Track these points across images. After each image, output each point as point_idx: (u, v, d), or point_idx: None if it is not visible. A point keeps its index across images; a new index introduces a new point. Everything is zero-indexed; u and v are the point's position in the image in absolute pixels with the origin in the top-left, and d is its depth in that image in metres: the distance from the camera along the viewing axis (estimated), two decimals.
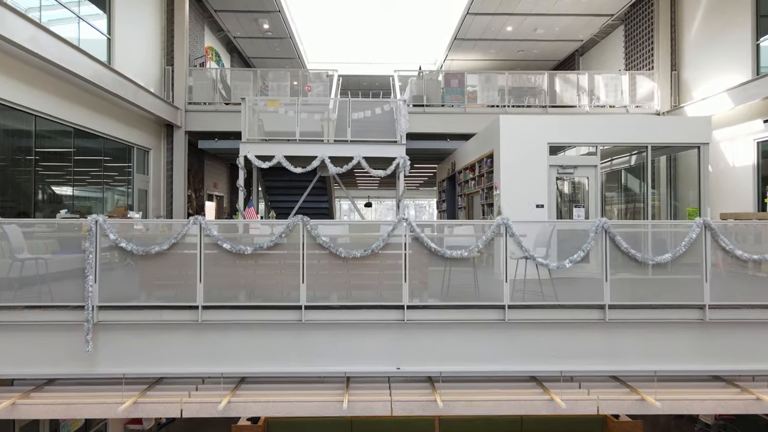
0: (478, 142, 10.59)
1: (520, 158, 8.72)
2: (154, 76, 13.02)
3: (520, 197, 8.68)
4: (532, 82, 13.96)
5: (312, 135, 11.12)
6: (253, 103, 10.66)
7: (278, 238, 5.50)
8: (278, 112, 10.53)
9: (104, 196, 10.95)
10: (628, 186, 10.72)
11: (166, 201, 13.51)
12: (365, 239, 5.75)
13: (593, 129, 8.81)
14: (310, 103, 11.93)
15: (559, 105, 13.97)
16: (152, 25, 12.93)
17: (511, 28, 17.30)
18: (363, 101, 10.97)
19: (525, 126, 8.78)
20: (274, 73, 13.90)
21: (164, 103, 12.72)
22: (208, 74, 13.78)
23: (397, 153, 10.23)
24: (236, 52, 20.02)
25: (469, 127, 13.76)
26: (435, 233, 6.19)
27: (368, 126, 10.61)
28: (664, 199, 10.21)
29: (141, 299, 5.58)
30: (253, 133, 10.74)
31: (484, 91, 13.89)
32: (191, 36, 14.85)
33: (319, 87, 13.72)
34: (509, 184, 8.71)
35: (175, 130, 13.55)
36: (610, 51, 17.69)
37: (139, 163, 12.55)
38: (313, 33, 19.97)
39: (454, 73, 13.87)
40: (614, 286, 5.57)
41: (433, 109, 13.83)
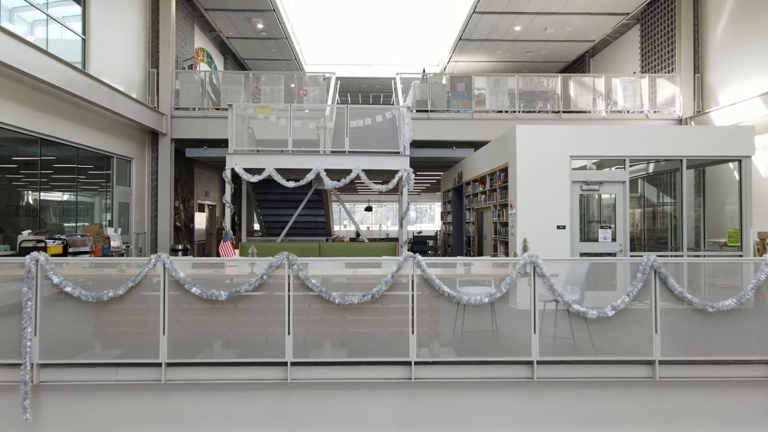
0: (489, 153, 9.62)
1: (538, 173, 7.76)
2: (137, 79, 12.06)
3: (539, 217, 7.72)
4: (545, 86, 13.00)
5: (307, 144, 10.18)
6: (242, 109, 9.71)
7: (259, 279, 4.53)
8: (269, 119, 9.57)
9: (78, 211, 9.98)
10: (650, 201, 9.76)
11: (150, 214, 12.54)
12: (364, 280, 4.78)
13: (621, 140, 7.84)
14: (304, 109, 10.99)
15: (573, 110, 13.00)
16: (135, 25, 11.97)
17: (519, 27, 16.35)
18: (362, 108, 10.02)
19: (544, 137, 7.82)
20: (267, 76, 12.94)
21: (147, 109, 11.76)
22: (196, 77, 12.82)
23: (400, 165, 9.27)
24: (230, 53, 19.06)
25: (476, 134, 12.81)
26: (443, 270, 5.22)
27: (368, 135, 9.65)
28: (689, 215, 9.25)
29: (93, 354, 4.61)
30: (242, 142, 9.79)
31: (493, 95, 12.92)
32: (179, 36, 13.89)
33: (315, 91, 12.76)
34: (526, 202, 7.74)
35: (161, 138, 12.59)
36: (624, 52, 16.72)
37: (120, 173, 11.59)
38: (311, 33, 19.01)
39: (461, 76, 12.91)
40: (665, 336, 4.60)
41: (438, 115, 12.87)
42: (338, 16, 17.62)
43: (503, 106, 12.86)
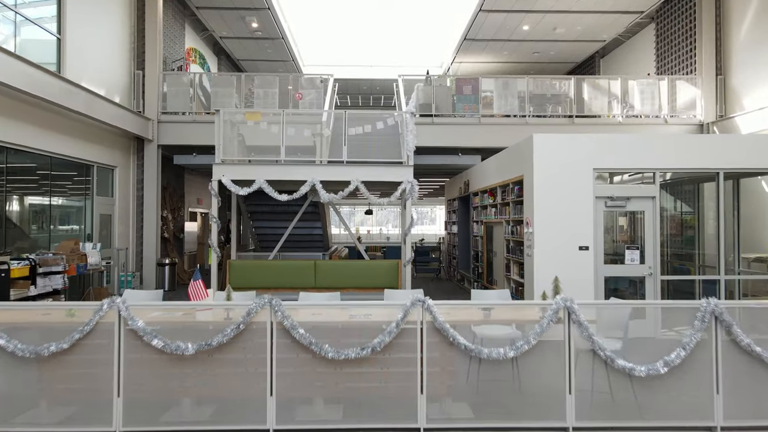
0: (501, 163, 8.80)
1: (558, 187, 6.95)
2: (121, 82, 11.26)
3: (559, 237, 6.92)
4: (557, 89, 12.19)
5: (302, 151, 9.38)
6: (230, 115, 8.90)
7: (235, 329, 3.72)
8: (260, 126, 8.76)
9: (52, 226, 9.17)
10: (671, 214, 8.96)
11: (135, 225, 11.74)
12: (363, 325, 3.97)
13: (650, 150, 7.03)
14: (299, 114, 10.19)
15: (587, 115, 12.19)
16: (118, 23, 11.17)
17: (527, 27, 15.55)
18: (362, 114, 9.22)
19: (564, 147, 7.01)
20: (260, 79, 12.14)
21: (132, 114, 10.95)
22: (185, 79, 12.02)
23: (403, 176, 8.46)
24: (224, 54, 18.27)
25: (484, 140, 12.01)
26: (456, 312, 4.41)
27: (368, 143, 8.85)
28: (711, 232, 8.46)
29: (37, 414, 3.80)
30: (231, 151, 8.98)
31: (501, 98, 12.12)
32: (168, 36, 13.09)
33: (312, 94, 11.96)
34: (545, 219, 6.93)
35: (146, 144, 11.78)
36: (637, 52, 15.92)
37: (102, 183, 10.78)
38: (308, 33, 18.20)
39: (467, 78, 12.11)
40: (729, 397, 3.79)
41: (443, 120, 12.06)
42: (337, 14, 16.82)
43: (512, 110, 12.05)
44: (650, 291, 6.94)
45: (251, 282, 8.73)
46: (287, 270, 8.80)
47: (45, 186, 9.03)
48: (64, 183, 9.65)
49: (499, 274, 8.95)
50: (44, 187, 9.02)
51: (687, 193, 9.69)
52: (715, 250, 7.41)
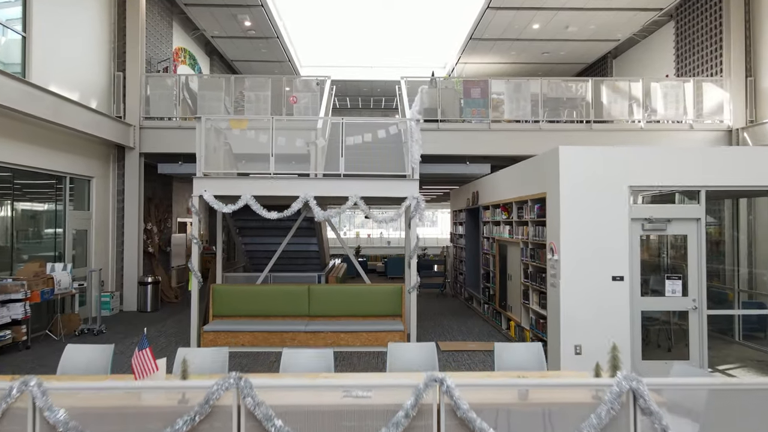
0: (518, 176, 7.86)
1: (588, 208, 6.01)
2: (98, 85, 10.33)
3: (589, 265, 5.98)
4: (573, 91, 11.25)
5: (297, 160, 8.47)
6: (214, 122, 7.97)
7: (189, 421, 2.78)
8: (247, 134, 7.83)
9: (15, 246, 8.23)
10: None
11: (116, 241, 10.80)
12: (361, 408, 3.03)
13: (696, 165, 6.09)
14: (291, 121, 9.26)
15: (606, 120, 11.25)
16: (96, 20, 10.24)
17: (538, 25, 14.62)
18: (361, 121, 8.27)
19: (596, 161, 6.07)
20: (251, 81, 11.21)
21: (110, 120, 10.02)
22: (169, 81, 11.08)
23: (407, 191, 7.52)
24: (216, 54, 17.35)
25: (494, 148, 11.08)
26: (482, 393, 3.47)
27: (368, 154, 7.92)
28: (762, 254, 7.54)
29: None
30: (216, 163, 8.06)
31: (512, 102, 11.18)
32: (154, 35, 12.17)
33: (307, 98, 11.03)
34: (572, 245, 5.99)
35: (128, 152, 10.85)
36: (654, 53, 14.98)
37: (78, 196, 9.86)
38: (305, 32, 17.27)
39: (476, 80, 11.17)
40: None
41: (450, 126, 11.13)
42: (335, 12, 15.89)
43: (524, 114, 11.11)
44: (694, 328, 6.00)
45: (237, 309, 7.81)
46: (278, 296, 7.87)
47: (6, 200, 8.08)
48: (32, 197, 8.72)
49: (514, 300, 8.01)
50: (5, 202, 8.08)
51: (715, 207, 8.75)
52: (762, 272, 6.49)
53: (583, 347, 5.93)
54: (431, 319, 10.07)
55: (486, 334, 8.67)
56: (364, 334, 7.45)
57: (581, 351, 5.93)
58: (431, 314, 10.61)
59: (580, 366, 5.89)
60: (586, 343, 5.92)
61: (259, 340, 7.40)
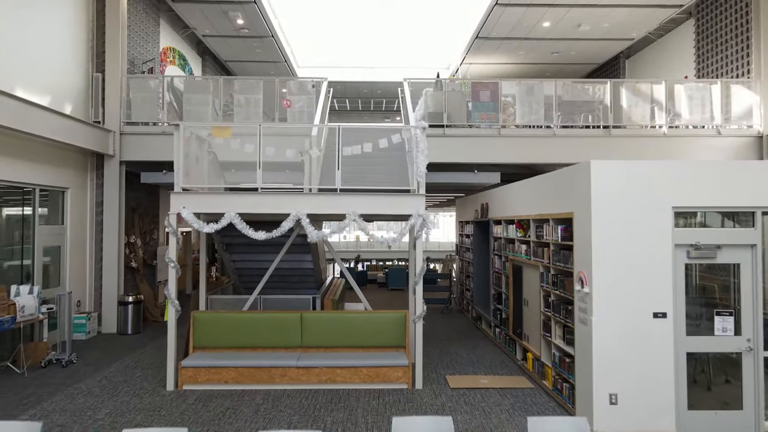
0: (538, 191, 7.00)
1: (625, 233, 5.16)
2: (74, 87, 9.48)
3: (626, 299, 5.12)
4: (590, 94, 10.39)
5: (291, 168, 7.64)
6: (195, 129, 7.12)
7: None
8: (231, 143, 6.97)
9: None
10: None
11: (94, 257, 9.95)
12: None
13: (749, 182, 5.23)
14: (283, 128, 8.41)
15: (626, 125, 10.38)
16: (71, 16, 9.39)
17: (548, 23, 13.77)
18: (361, 128, 7.42)
19: (634, 178, 5.21)
20: (241, 83, 10.35)
21: (86, 127, 9.16)
22: (152, 84, 10.22)
23: (413, 208, 6.67)
24: (209, 54, 16.50)
25: (504, 155, 10.23)
26: None
27: (368, 166, 7.07)
28: None
29: None
30: (197, 176, 7.21)
31: (524, 105, 10.32)
32: (138, 33, 11.33)
33: (302, 101, 10.18)
34: (607, 276, 5.14)
35: (107, 161, 10.00)
36: (670, 52, 14.14)
37: (52, 209, 9.01)
38: (302, 31, 16.41)
39: (485, 82, 10.31)
40: None
41: (457, 131, 10.26)
42: (333, 10, 15.03)
43: (537, 119, 10.25)
44: (749, 372, 5.14)
45: (221, 340, 6.96)
46: (267, 325, 7.01)
47: None
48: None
49: (532, 329, 7.14)
50: None
51: None
52: None
53: (619, 396, 5.07)
54: (437, 343, 9.21)
55: (499, 363, 7.81)
56: (363, 369, 6.60)
57: (617, 400, 5.07)
58: (436, 336, 9.75)
59: (617, 419, 5.03)
60: (623, 392, 5.06)
61: (244, 377, 6.54)
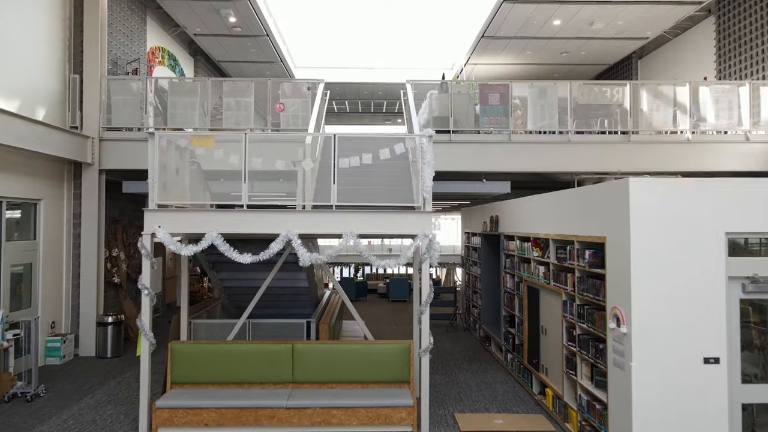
0: (559, 207, 6.23)
1: (669, 263, 4.39)
2: (48, 90, 8.73)
3: (671, 340, 4.35)
4: (608, 97, 9.61)
5: (285, 177, 6.90)
6: (172, 138, 6.36)
7: None
8: (215, 152, 6.21)
9: None
10: None
11: (71, 273, 9.18)
12: None
13: None
14: (273, 136, 7.66)
15: (647, 131, 9.60)
16: (44, 13, 8.64)
17: (559, 21, 13.01)
18: (360, 136, 6.65)
19: (678, 199, 4.44)
20: (230, 85, 9.58)
21: (59, 133, 8.39)
22: (134, 86, 9.45)
23: (418, 227, 5.90)
24: (201, 54, 15.74)
25: (515, 163, 9.46)
26: None
27: (368, 179, 6.30)
28: None
29: None
30: (177, 190, 6.45)
31: (535, 108, 9.54)
32: (122, 31, 10.57)
33: (297, 104, 9.41)
34: (648, 312, 4.37)
35: (85, 170, 9.23)
36: (688, 52, 13.38)
37: (23, 223, 8.25)
38: (298, 30, 15.64)
39: (495, 84, 9.53)
40: None
41: (464, 137, 9.50)
42: (331, 8, 14.26)
43: (551, 124, 9.48)
44: None
45: (202, 374, 6.19)
46: (255, 357, 6.24)
47: None
48: None
49: (552, 363, 6.36)
50: None
51: None
52: None
53: None
54: (442, 366, 8.44)
55: (513, 397, 7.03)
56: (362, 410, 5.82)
57: None
58: (441, 358, 8.98)
59: None
60: None
61: (228, 419, 5.77)
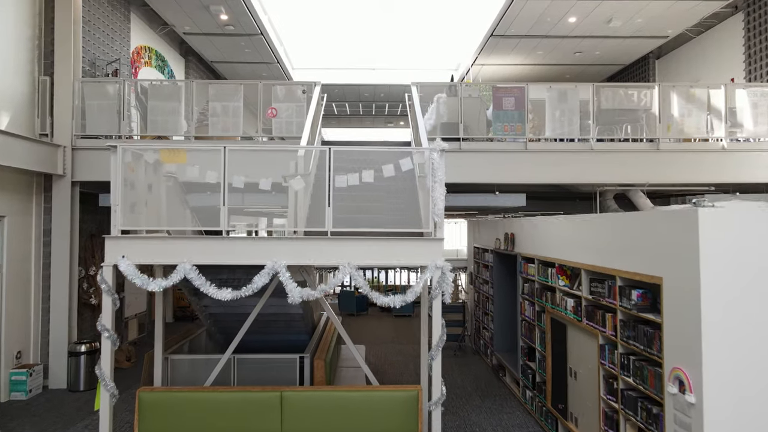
0: (596, 235, 5.31)
1: (752, 314, 3.48)
2: (14, 94, 7.84)
3: (758, 417, 3.44)
4: (634, 101, 8.71)
5: (277, 190, 6.00)
6: (137, 151, 5.47)
7: None
8: (192, 167, 5.32)
9: None
10: None
11: (41, 296, 8.29)
12: None
13: None
14: (257, 149, 6.78)
15: (676, 138, 8.70)
16: (9, 9, 7.76)
17: (574, 18, 12.11)
18: (359, 152, 5.75)
19: (763, 231, 3.53)
20: (216, 88, 8.70)
21: (24, 142, 7.51)
22: (111, 89, 8.56)
23: (428, 256, 5.00)
24: (193, 55, 14.86)
25: (532, 174, 8.57)
26: None
27: (369, 198, 5.40)
28: None
29: None
30: (148, 212, 5.56)
31: (554, 112, 8.64)
32: (103, 29, 9.71)
33: (291, 109, 8.52)
34: (725, 378, 3.46)
35: (56, 182, 8.35)
36: (711, 51, 12.47)
37: None
38: (296, 29, 14.74)
39: (509, 87, 8.63)
40: None
41: (475, 146, 8.59)
42: (330, 5, 13.36)
43: (572, 131, 8.57)
44: None
45: (176, 429, 5.28)
46: (237, 408, 5.35)
47: None
48: None
49: (584, 413, 5.45)
50: None
51: None
52: None
53: None
54: (454, 406, 7.52)
55: None
56: None
57: None
58: (453, 392, 8.06)
59: None
60: None
61: None
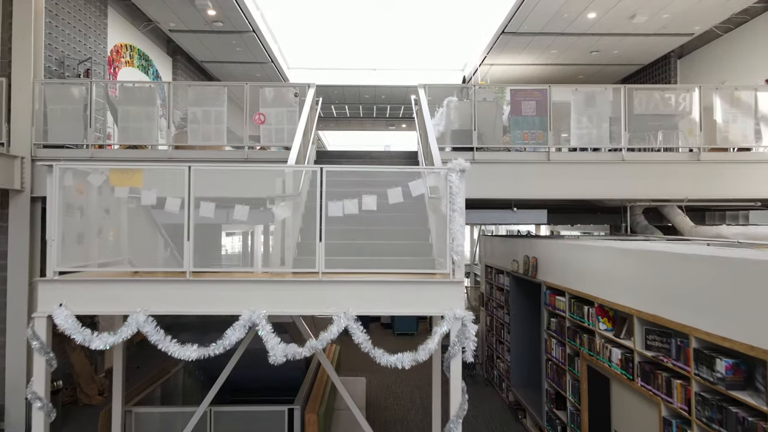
0: (656, 274, 4.28)
1: None
2: None
3: None
4: (671, 105, 7.68)
5: (261, 208, 5.07)
6: (83, 174, 4.43)
7: None
8: (143, 198, 4.28)
9: None
10: None
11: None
12: None
13: None
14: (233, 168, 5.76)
15: (719, 148, 7.66)
16: None
17: (594, 14, 11.09)
18: (355, 171, 4.72)
19: None
20: (196, 91, 7.67)
21: None
22: (76, 92, 7.53)
23: (444, 303, 3.98)
24: (181, 53, 13.84)
25: (556, 188, 7.52)
26: None
27: (372, 233, 4.38)
28: None
29: None
30: (99, 245, 4.53)
31: (580, 116, 7.60)
32: (75, 25, 8.71)
33: (282, 115, 7.50)
34: None
35: (13, 198, 7.32)
36: (739, 50, 11.47)
37: None
38: (292, 26, 13.71)
39: (530, 89, 7.59)
40: None
41: (490, 156, 7.54)
42: (327, 3, 12.33)
43: (601, 139, 7.54)
44: None
45: None
46: None
47: None
48: None
49: None
50: None
51: None
52: None
53: None
54: None
55: None
56: None
57: None
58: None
59: None
60: None
61: None
